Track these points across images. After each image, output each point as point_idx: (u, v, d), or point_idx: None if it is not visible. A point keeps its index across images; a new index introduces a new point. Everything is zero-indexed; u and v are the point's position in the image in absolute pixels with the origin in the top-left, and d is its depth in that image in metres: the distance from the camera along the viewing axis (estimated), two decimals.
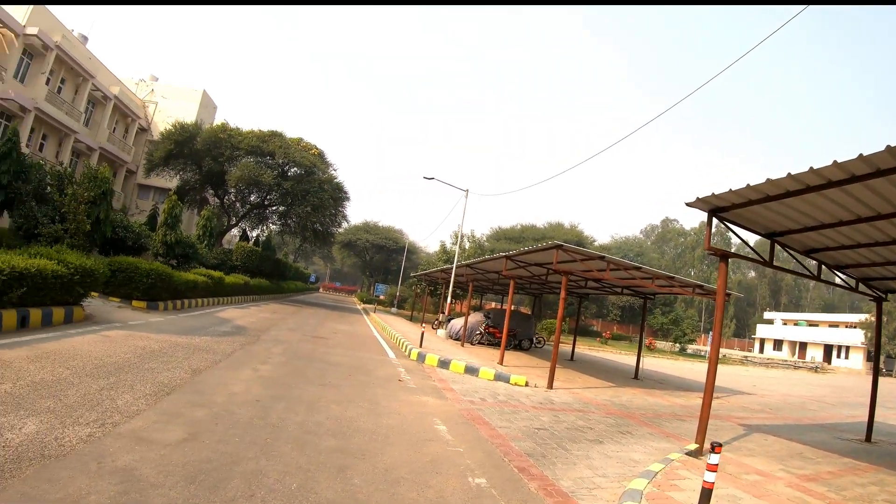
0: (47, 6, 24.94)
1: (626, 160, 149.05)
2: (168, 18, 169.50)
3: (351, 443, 5.13)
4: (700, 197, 6.30)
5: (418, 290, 40.67)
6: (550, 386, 10.56)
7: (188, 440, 4.49)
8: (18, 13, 23.34)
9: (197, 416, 5.18)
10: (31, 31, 23.35)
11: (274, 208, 35.89)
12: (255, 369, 8.03)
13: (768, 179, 5.43)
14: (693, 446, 6.48)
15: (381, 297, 53.40)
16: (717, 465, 3.99)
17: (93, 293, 13.18)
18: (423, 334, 15.21)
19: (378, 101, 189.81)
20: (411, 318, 33.94)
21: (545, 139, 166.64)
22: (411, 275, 45.16)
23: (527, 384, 10.51)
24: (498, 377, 10.76)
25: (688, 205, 6.48)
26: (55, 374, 5.69)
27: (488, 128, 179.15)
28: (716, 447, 4.02)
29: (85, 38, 31.16)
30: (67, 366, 6.10)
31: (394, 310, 44.49)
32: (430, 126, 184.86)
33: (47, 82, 25.35)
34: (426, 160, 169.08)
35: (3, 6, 21.31)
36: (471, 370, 11.21)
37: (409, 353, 13.07)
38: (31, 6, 23.99)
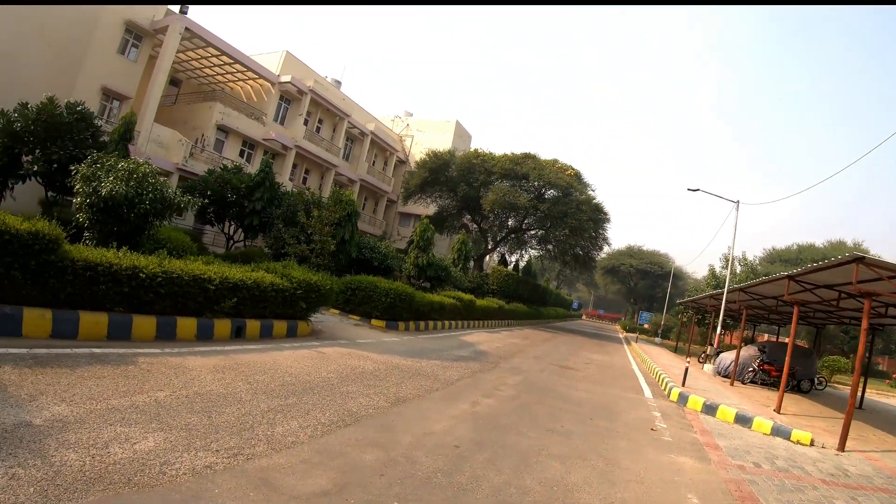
0: (299, 57, 31.49)
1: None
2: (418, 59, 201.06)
3: None
4: None
5: (684, 319, 41.26)
6: (842, 447, 9.38)
7: (326, 494, 3.51)
8: (272, 64, 30.44)
9: (362, 461, 4.26)
10: (285, 79, 30.06)
11: (532, 232, 38.86)
12: (473, 403, 7.39)
13: None
14: None
15: (646, 325, 56.37)
16: None
17: (333, 310, 14.80)
18: (686, 370, 14.44)
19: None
20: (676, 350, 33.97)
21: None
22: (677, 302, 46.47)
23: (812, 443, 9.56)
24: (776, 431, 10.08)
25: None
26: (229, 387, 5.58)
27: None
28: None
29: (338, 83, 38.94)
30: (250, 380, 6.03)
31: (658, 339, 45.83)
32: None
33: (305, 123, 32.10)
34: None
35: (258, 61, 27.59)
36: (742, 419, 10.65)
37: (669, 393, 12.73)
38: (283, 58, 31.16)
